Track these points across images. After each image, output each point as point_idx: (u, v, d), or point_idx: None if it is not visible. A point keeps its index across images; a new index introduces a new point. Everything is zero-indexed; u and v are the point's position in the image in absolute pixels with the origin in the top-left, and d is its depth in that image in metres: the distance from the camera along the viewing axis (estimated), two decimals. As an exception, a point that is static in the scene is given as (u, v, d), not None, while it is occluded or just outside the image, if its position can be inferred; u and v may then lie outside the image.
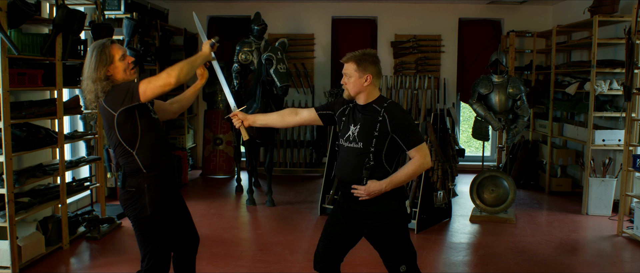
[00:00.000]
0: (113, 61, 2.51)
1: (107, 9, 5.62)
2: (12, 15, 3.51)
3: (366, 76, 2.55)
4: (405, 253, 2.63)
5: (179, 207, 2.74)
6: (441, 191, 4.93)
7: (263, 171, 7.02)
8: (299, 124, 2.89)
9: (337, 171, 2.72)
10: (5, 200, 3.61)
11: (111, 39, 2.57)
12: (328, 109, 2.78)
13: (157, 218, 2.54)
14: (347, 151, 2.62)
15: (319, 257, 2.74)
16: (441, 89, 7.44)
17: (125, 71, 2.55)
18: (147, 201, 2.52)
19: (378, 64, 2.61)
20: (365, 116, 2.59)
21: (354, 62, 2.56)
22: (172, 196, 2.66)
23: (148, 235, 2.55)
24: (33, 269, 3.85)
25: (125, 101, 2.41)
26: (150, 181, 2.52)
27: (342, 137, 2.67)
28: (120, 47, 2.56)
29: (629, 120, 4.76)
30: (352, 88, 2.58)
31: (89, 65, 2.50)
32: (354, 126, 2.61)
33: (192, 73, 2.52)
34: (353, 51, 2.61)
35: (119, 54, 2.53)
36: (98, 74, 2.47)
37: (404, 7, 7.68)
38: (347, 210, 2.66)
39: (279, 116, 2.85)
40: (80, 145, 5.48)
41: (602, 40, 5.46)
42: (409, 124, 2.56)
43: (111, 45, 2.53)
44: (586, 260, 4.22)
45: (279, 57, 5.17)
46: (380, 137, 2.53)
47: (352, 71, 2.56)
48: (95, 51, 2.51)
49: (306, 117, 2.81)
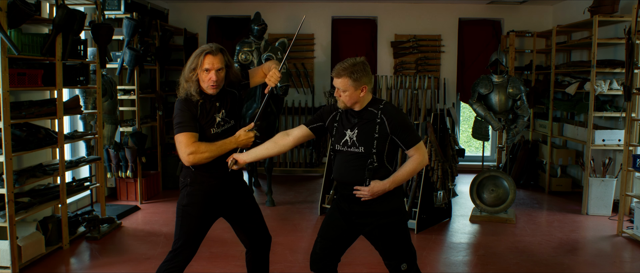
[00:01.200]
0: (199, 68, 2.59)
1: (107, 9, 5.62)
2: (12, 15, 3.51)
3: (362, 88, 2.53)
4: (406, 252, 2.63)
5: (240, 206, 2.82)
6: (441, 191, 4.93)
7: (263, 171, 7.03)
8: (294, 145, 2.78)
9: (336, 174, 2.70)
10: (5, 200, 3.62)
11: (212, 50, 2.59)
12: (318, 121, 2.73)
13: (190, 210, 2.67)
14: (347, 155, 2.60)
15: (316, 257, 2.74)
16: (441, 89, 7.44)
17: (203, 83, 2.60)
18: (187, 192, 2.67)
19: (369, 71, 2.58)
20: (362, 120, 2.58)
21: (347, 76, 2.51)
22: (218, 196, 2.72)
23: (179, 221, 2.69)
24: (33, 269, 3.85)
25: (173, 123, 2.62)
26: (195, 176, 2.65)
27: (337, 142, 2.64)
28: (214, 60, 2.58)
29: (629, 120, 4.76)
30: (349, 101, 2.56)
31: (187, 63, 2.63)
32: (350, 131, 2.59)
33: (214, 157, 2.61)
34: (342, 63, 2.55)
35: (206, 65, 2.58)
36: (189, 74, 2.60)
37: (404, 7, 7.68)
38: (348, 211, 2.66)
39: (272, 143, 2.75)
40: (80, 145, 5.49)
41: (602, 40, 5.46)
42: (407, 124, 2.57)
43: (207, 55, 2.58)
44: (586, 260, 4.22)
45: (279, 57, 5.18)
46: (381, 139, 2.54)
47: (346, 85, 2.52)
48: (196, 51, 2.62)
49: (299, 135, 2.74)
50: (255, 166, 6.12)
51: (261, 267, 2.93)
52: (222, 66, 2.61)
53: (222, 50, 2.64)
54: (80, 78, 4.57)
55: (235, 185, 2.80)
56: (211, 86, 2.60)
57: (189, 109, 2.58)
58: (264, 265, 2.94)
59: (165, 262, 2.68)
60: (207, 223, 2.75)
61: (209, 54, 2.58)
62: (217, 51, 2.61)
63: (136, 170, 5.66)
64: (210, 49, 2.60)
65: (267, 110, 5.52)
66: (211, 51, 2.59)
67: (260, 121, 2.95)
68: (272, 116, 5.62)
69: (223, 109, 2.70)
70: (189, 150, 2.53)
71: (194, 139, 2.55)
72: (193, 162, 2.55)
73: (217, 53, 2.60)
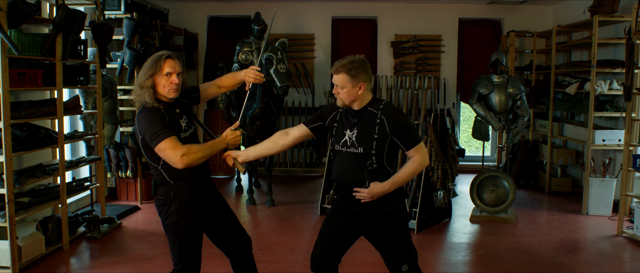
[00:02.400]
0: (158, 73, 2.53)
1: (107, 9, 5.63)
2: (12, 15, 3.51)
3: (360, 85, 2.52)
4: (407, 253, 2.63)
5: (218, 214, 2.77)
6: (441, 191, 4.93)
7: (263, 171, 7.03)
8: (293, 144, 2.76)
9: (336, 175, 2.68)
10: (5, 200, 3.62)
11: (171, 55, 2.56)
12: (318, 120, 2.72)
13: (182, 224, 2.59)
14: (346, 155, 2.59)
15: (317, 257, 2.74)
16: (441, 89, 7.44)
17: (164, 88, 2.53)
18: (173, 208, 2.58)
19: (368, 69, 2.57)
20: (361, 120, 2.57)
21: (345, 73, 2.50)
22: (202, 204, 2.67)
23: (175, 240, 2.62)
24: (33, 269, 3.85)
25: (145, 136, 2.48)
26: (176, 190, 2.58)
27: (337, 143, 2.63)
28: (175, 64, 2.54)
29: (629, 120, 4.76)
30: (347, 98, 2.54)
31: (142, 70, 2.55)
32: (350, 131, 2.57)
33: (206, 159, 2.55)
34: (342, 59, 2.54)
35: (167, 69, 2.52)
36: (146, 81, 2.51)
37: (404, 7, 7.68)
38: (348, 212, 2.65)
39: (271, 142, 2.73)
40: (80, 145, 5.49)
41: (602, 40, 5.46)
42: (407, 125, 2.56)
43: (167, 58, 2.54)
44: (586, 260, 4.22)
45: (279, 57, 5.18)
46: (380, 139, 2.52)
47: (344, 81, 2.51)
48: (151, 57, 2.56)
49: (298, 134, 2.72)
50: (255, 166, 6.12)
51: (248, 269, 2.89)
52: (180, 70, 2.58)
53: (177, 55, 2.62)
54: (81, 78, 4.57)
55: (213, 192, 2.76)
56: (172, 89, 2.54)
57: (159, 117, 2.48)
58: (251, 267, 2.90)
59: None
60: (201, 232, 2.70)
61: (168, 58, 2.54)
62: (175, 56, 2.58)
63: (136, 170, 5.66)
64: (168, 53, 2.57)
65: (267, 110, 5.52)
66: (169, 55, 2.56)
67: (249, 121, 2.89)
68: (272, 116, 5.62)
69: (184, 114, 2.67)
70: (181, 152, 2.43)
71: (179, 142, 2.47)
72: (188, 163, 2.44)
73: (175, 58, 2.57)
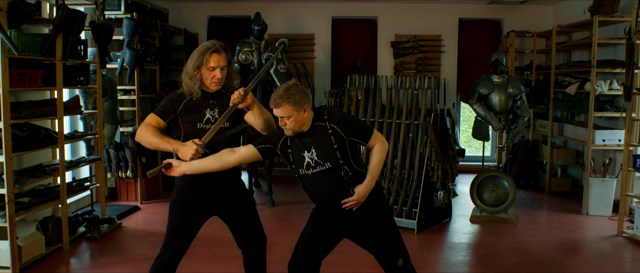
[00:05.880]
0: (203, 66, 2.62)
1: (107, 9, 5.63)
2: (12, 15, 3.51)
3: (303, 108, 2.52)
4: (400, 245, 2.68)
5: (235, 205, 2.82)
6: (441, 191, 4.93)
7: (263, 172, 7.02)
8: (238, 163, 2.64)
9: (314, 197, 2.68)
10: (5, 200, 3.62)
11: (217, 49, 2.62)
12: (266, 142, 2.68)
13: (179, 205, 2.71)
14: (315, 175, 2.59)
15: (298, 264, 2.71)
16: (441, 89, 7.44)
17: (206, 80, 2.65)
18: (177, 187, 2.74)
19: (303, 89, 2.56)
20: (314, 137, 2.57)
21: (287, 104, 2.48)
22: (207, 192, 2.73)
23: (169, 216, 2.75)
24: (33, 269, 3.85)
25: None
26: None
27: (299, 168, 2.62)
28: (219, 58, 2.61)
29: (629, 120, 4.76)
30: (295, 125, 2.53)
31: (190, 59, 2.66)
32: (308, 152, 2.58)
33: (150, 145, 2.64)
34: (275, 92, 2.52)
35: (211, 64, 2.61)
36: (193, 72, 2.63)
37: (404, 7, 7.68)
38: (344, 224, 2.67)
39: (215, 158, 2.63)
40: (80, 145, 5.49)
41: (602, 40, 5.46)
42: (356, 121, 2.65)
43: (213, 53, 2.61)
44: (586, 260, 4.22)
45: (279, 57, 5.17)
46: (341, 146, 2.55)
47: (289, 111, 2.49)
48: (199, 48, 2.65)
49: (244, 154, 2.65)
50: (255, 166, 6.11)
51: (258, 268, 2.94)
52: (225, 63, 2.65)
53: (225, 48, 2.67)
54: (81, 78, 4.57)
55: (229, 184, 2.79)
56: (214, 83, 2.65)
57: (172, 104, 2.66)
58: (261, 266, 2.95)
59: (156, 257, 2.74)
60: (197, 220, 2.76)
61: (214, 53, 2.61)
62: (222, 49, 2.64)
63: (136, 170, 5.66)
64: (215, 47, 2.62)
65: None
66: (216, 49, 2.62)
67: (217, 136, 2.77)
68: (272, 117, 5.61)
69: (217, 107, 2.70)
70: (143, 126, 2.61)
71: (154, 121, 2.63)
72: (137, 137, 2.62)
73: (221, 51, 2.63)
